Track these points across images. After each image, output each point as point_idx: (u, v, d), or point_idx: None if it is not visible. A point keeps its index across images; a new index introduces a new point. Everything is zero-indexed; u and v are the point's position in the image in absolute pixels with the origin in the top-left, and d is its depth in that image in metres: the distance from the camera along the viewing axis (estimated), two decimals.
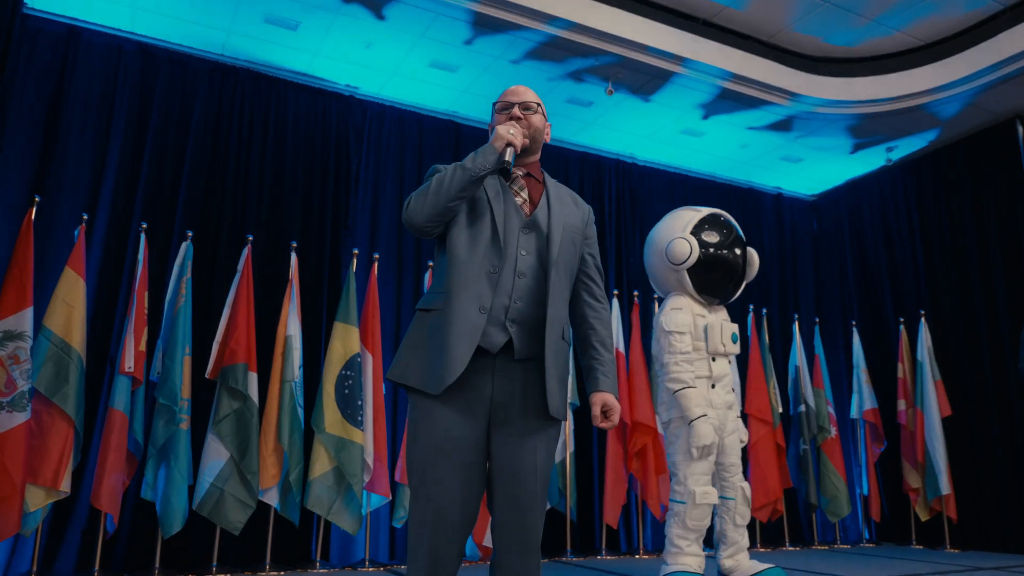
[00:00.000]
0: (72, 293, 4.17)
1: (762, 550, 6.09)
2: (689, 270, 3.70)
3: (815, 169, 7.21)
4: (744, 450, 6.04)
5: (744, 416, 6.18)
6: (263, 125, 5.43)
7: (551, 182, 2.23)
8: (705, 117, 6.17)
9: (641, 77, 5.58)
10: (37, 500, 3.93)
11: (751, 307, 6.60)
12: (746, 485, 3.70)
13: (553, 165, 6.55)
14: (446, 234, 2.05)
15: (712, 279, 3.71)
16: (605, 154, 6.81)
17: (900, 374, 6.47)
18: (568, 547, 5.45)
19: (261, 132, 5.41)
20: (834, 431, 6.46)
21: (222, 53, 5.30)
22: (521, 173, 2.19)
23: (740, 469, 3.71)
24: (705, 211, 3.85)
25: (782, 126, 6.33)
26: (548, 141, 2.29)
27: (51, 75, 4.81)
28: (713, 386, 3.65)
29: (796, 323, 6.76)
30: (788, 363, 6.73)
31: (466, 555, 5.12)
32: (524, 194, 2.15)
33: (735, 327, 3.70)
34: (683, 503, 3.53)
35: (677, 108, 6.03)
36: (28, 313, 4.01)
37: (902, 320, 6.64)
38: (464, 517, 1.91)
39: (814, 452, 6.40)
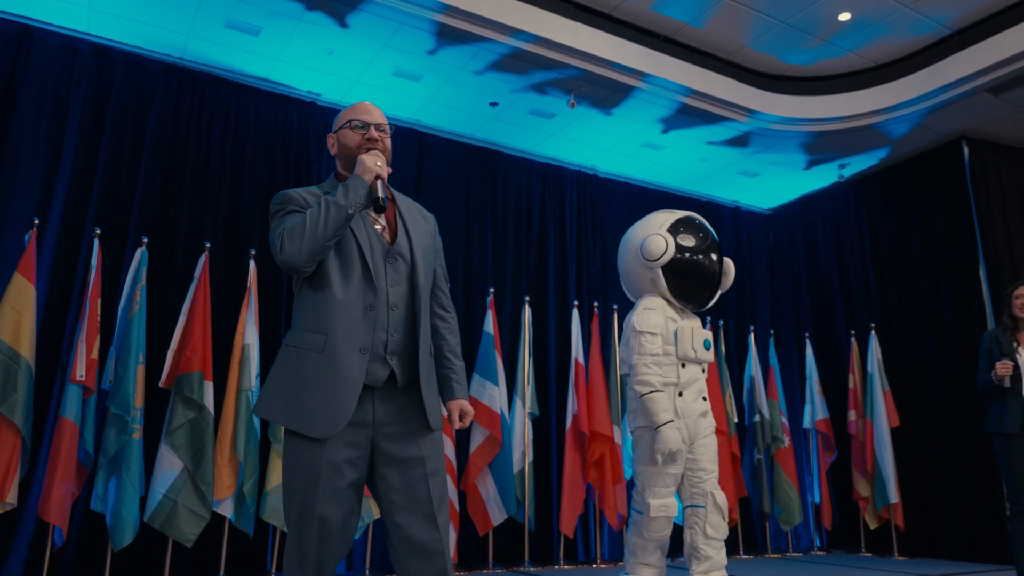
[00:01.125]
0: (21, 299, 4.07)
1: None
2: (664, 271, 3.54)
3: (771, 184, 7.38)
4: None
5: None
6: (222, 130, 5.36)
7: (400, 199, 2.23)
8: (665, 131, 6.27)
9: (603, 91, 5.65)
10: None
11: (708, 318, 6.70)
12: (718, 492, 3.37)
13: (516, 175, 6.60)
14: (315, 270, 2.02)
15: (688, 284, 3.55)
16: (567, 165, 6.87)
17: (851, 385, 6.64)
18: (526, 556, 5.47)
19: (220, 137, 5.34)
20: (787, 441, 6.59)
21: (181, 56, 5.23)
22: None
23: (713, 475, 3.40)
24: (681, 213, 3.74)
25: (739, 141, 6.46)
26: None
27: (1, 75, 4.69)
28: (680, 393, 3.43)
29: (752, 334, 6.89)
30: (744, 374, 6.85)
31: None
32: (381, 219, 2.13)
33: (708, 334, 3.54)
34: (641, 513, 3.45)
35: (638, 122, 6.12)
36: None
37: (853, 332, 6.81)
38: (344, 536, 1.97)
39: (768, 461, 6.53)
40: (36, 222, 4.31)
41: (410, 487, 1.99)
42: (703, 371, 3.54)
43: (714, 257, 3.59)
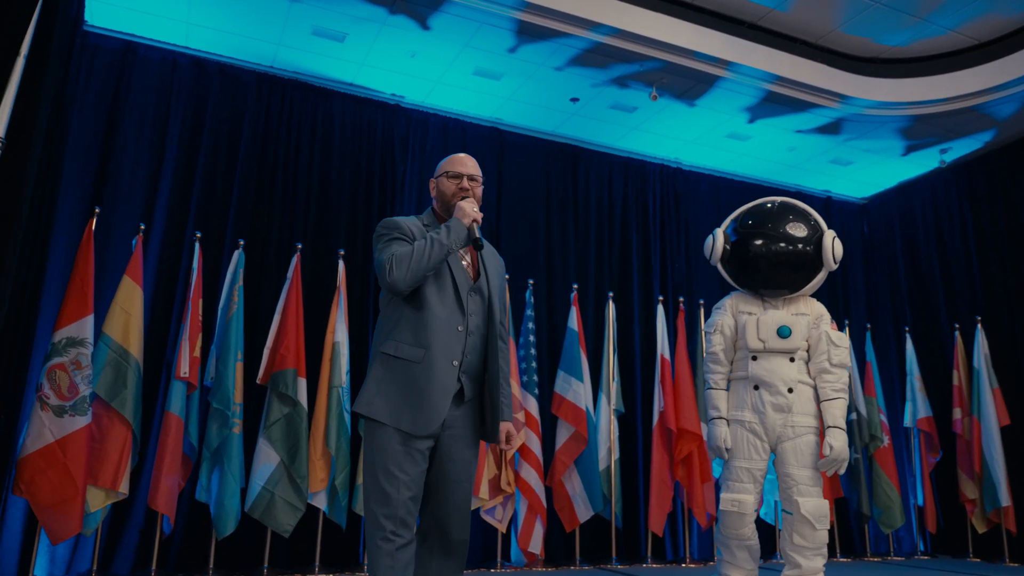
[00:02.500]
0: (130, 300, 4.31)
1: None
2: (725, 267, 3.50)
3: (865, 172, 7.07)
4: None
5: None
6: (310, 135, 5.53)
7: (483, 244, 2.53)
8: (751, 121, 6.10)
9: (686, 82, 5.54)
10: (97, 501, 4.07)
11: None
12: (806, 500, 3.16)
13: (597, 171, 6.55)
14: (416, 293, 2.36)
15: (749, 272, 3.44)
16: (650, 159, 6.78)
17: (955, 382, 6.30)
18: (613, 554, 5.43)
19: (308, 141, 5.51)
20: (887, 440, 6.31)
21: (272, 65, 5.43)
22: None
23: (802, 481, 3.20)
24: (753, 203, 3.63)
25: (831, 129, 6.22)
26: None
27: (108, 90, 4.98)
28: (756, 387, 3.31)
29: (847, 329, 6.63)
30: None
31: (511, 560, 5.15)
32: (468, 258, 2.50)
33: (792, 320, 3.31)
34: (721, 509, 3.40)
35: (722, 112, 5.97)
36: (89, 320, 4.15)
37: (957, 326, 6.46)
38: (414, 495, 2.27)
39: (866, 461, 6.26)
40: (142, 227, 4.56)
41: (455, 480, 2.36)
42: (791, 360, 3.30)
43: (779, 235, 3.38)
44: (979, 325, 6.21)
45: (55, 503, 3.90)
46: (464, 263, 2.47)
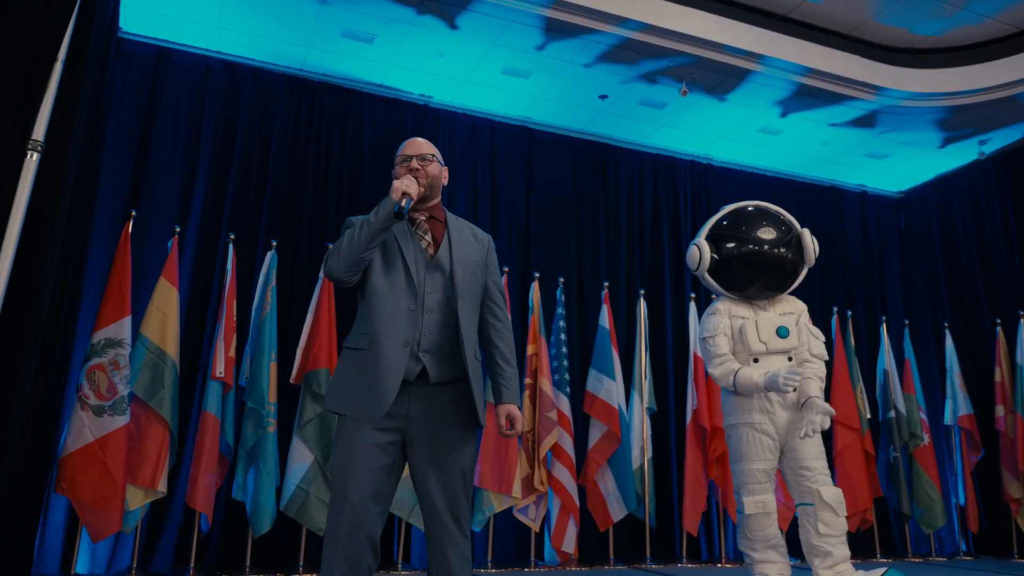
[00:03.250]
0: (166, 302, 4.37)
1: (853, 561, 5.84)
2: (710, 275, 3.53)
3: (902, 165, 6.93)
4: (830, 457, 5.87)
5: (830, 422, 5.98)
6: (340, 136, 5.57)
7: (452, 221, 2.50)
8: (783, 115, 6.01)
9: (716, 76, 5.48)
10: (136, 499, 4.13)
11: (835, 309, 6.39)
12: (826, 489, 3.24)
13: (627, 168, 6.51)
14: (365, 281, 2.34)
15: (736, 276, 3.48)
16: (680, 155, 6.72)
17: (998, 378, 6.15)
18: (648, 553, 5.38)
19: (339, 143, 5.55)
20: (927, 438, 6.18)
21: (302, 67, 5.47)
22: (424, 217, 2.44)
23: (820, 471, 3.27)
24: (728, 208, 3.66)
25: (866, 121, 6.10)
26: (446, 184, 2.55)
27: (143, 94, 5.06)
28: None
29: (884, 325, 6.51)
30: (876, 367, 6.48)
31: (544, 560, 5.13)
32: (428, 237, 2.42)
33: (784, 321, 3.40)
34: (740, 512, 3.39)
35: (754, 106, 5.90)
36: (126, 321, 4.23)
37: (999, 321, 6.30)
38: (375, 510, 2.17)
39: (906, 460, 6.14)
40: (177, 230, 4.62)
41: (434, 482, 2.23)
42: (789, 359, 3.38)
43: (762, 238, 3.42)
44: (1022, 320, 6.05)
45: (95, 501, 3.97)
46: (423, 243, 2.40)
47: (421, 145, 2.49)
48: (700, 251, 3.51)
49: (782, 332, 3.38)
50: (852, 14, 5.40)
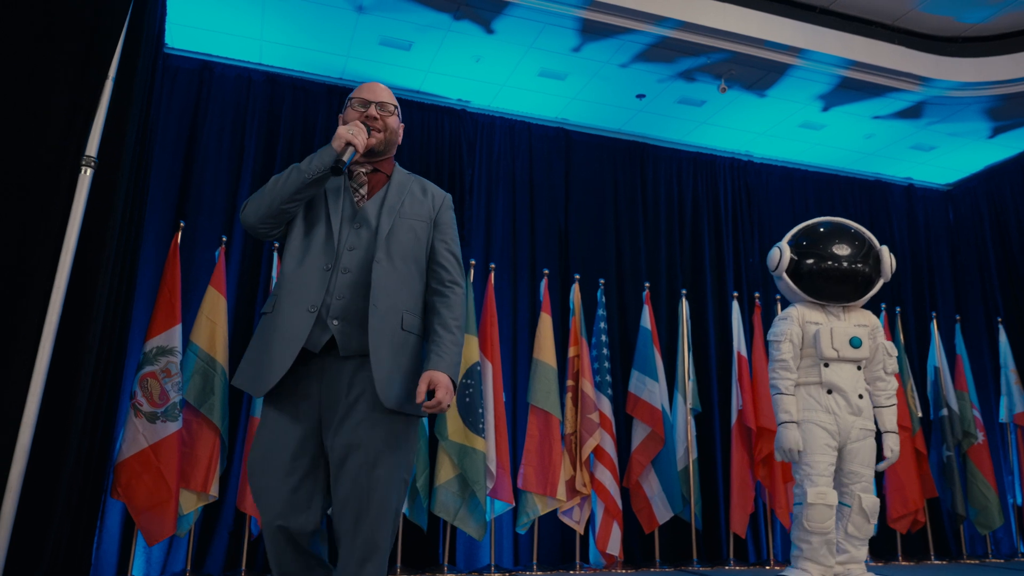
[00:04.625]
0: (215, 310, 4.47)
1: (904, 563, 5.74)
2: (790, 277, 3.86)
3: (950, 157, 6.76)
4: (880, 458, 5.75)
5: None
6: None
7: (401, 175, 2.18)
8: (825, 109, 5.91)
9: (755, 72, 5.41)
10: (189, 504, 4.23)
11: (883, 306, 6.25)
12: (867, 496, 3.59)
13: (666, 167, 6.46)
14: (286, 237, 2.06)
15: (816, 284, 3.81)
16: (719, 153, 6.65)
17: None
18: (694, 556, 5.33)
19: None
20: (981, 436, 6.01)
21: (341, 76, 5.55)
22: (365, 170, 2.14)
23: (865, 479, 3.60)
24: (815, 220, 4.05)
25: (912, 113, 5.97)
26: (399, 142, 2.24)
27: (188, 108, 5.18)
28: (829, 391, 3.67)
29: (934, 322, 6.35)
30: (927, 364, 6.33)
31: (589, 562, 5.11)
32: (363, 190, 2.12)
33: (857, 331, 3.70)
34: (801, 504, 3.65)
35: (795, 101, 5.81)
36: (177, 330, 4.33)
37: None
38: (295, 504, 1.89)
39: (959, 459, 5.98)
40: (224, 239, 4.72)
41: (342, 474, 1.89)
42: (859, 368, 3.67)
43: (843, 253, 3.77)
44: None
45: (150, 506, 4.08)
46: (358, 195, 2.09)
47: (382, 92, 2.18)
48: (781, 253, 3.86)
49: (855, 342, 3.66)
50: (894, 4, 5.29)
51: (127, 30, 3.49)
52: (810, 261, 3.80)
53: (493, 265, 5.31)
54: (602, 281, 5.67)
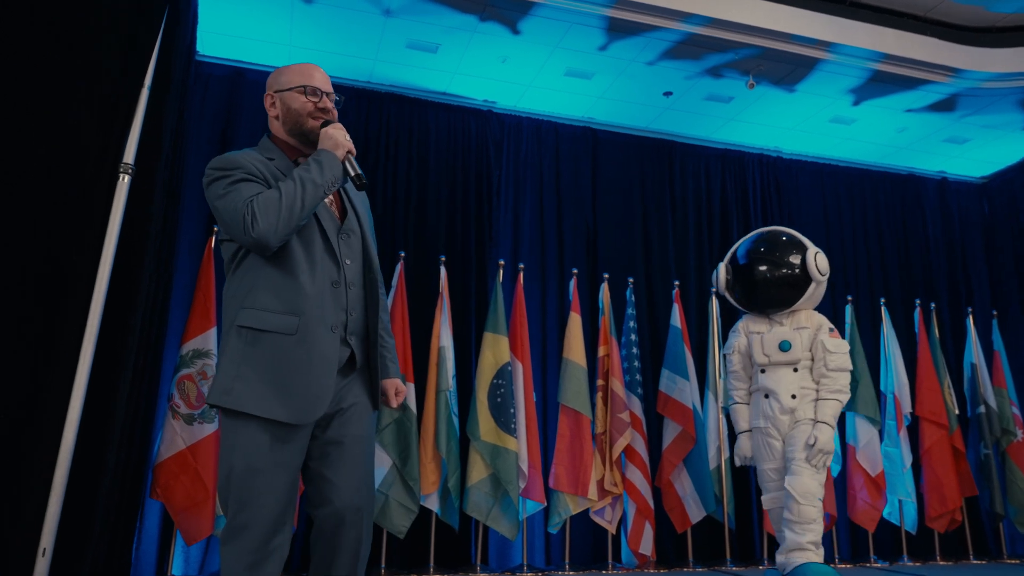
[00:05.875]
0: None
1: (943, 563, 5.65)
2: (729, 293, 4.02)
3: (984, 149, 6.64)
4: (917, 455, 5.67)
5: (915, 419, 5.79)
6: (407, 145, 5.67)
7: None
8: (856, 103, 5.84)
9: (784, 67, 5.36)
10: None
11: (917, 302, 6.17)
12: (792, 478, 3.59)
13: (694, 164, 6.43)
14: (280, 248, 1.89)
15: (747, 296, 3.94)
16: (748, 149, 6.59)
17: None
18: (727, 555, 5.29)
19: (406, 152, 5.65)
20: (1020, 434, 5.90)
21: (368, 80, 5.59)
22: None
23: (796, 461, 3.62)
24: (749, 235, 4.13)
25: (944, 105, 5.87)
26: None
27: (220, 114, 5.26)
28: (767, 395, 3.79)
29: (970, 317, 6.24)
30: (963, 361, 6.22)
31: (621, 562, 5.10)
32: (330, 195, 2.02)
33: (788, 335, 3.77)
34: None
35: (825, 96, 5.74)
36: (212, 333, 4.40)
37: None
38: (282, 523, 1.83)
39: (998, 457, 5.87)
40: None
41: (349, 466, 1.90)
42: (795, 370, 3.75)
43: (762, 262, 3.86)
44: None
45: (188, 506, 4.14)
46: (327, 200, 2.01)
47: (328, 81, 2.10)
48: (718, 273, 4.04)
49: (783, 346, 3.76)
50: None
51: (161, 40, 3.56)
52: (740, 273, 3.94)
53: (522, 266, 5.32)
54: (631, 280, 5.65)
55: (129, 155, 3.36)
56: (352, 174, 1.93)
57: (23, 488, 3.10)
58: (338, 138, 1.95)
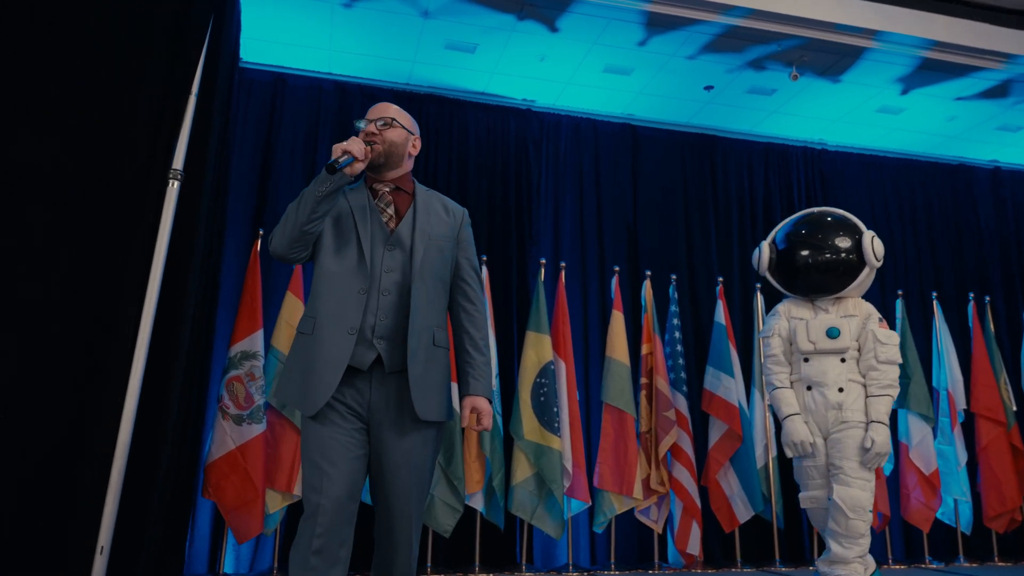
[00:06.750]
0: (294, 315, 4.58)
1: (1001, 564, 5.48)
2: (773, 276, 3.76)
3: None
4: (973, 453, 5.51)
5: (971, 416, 5.63)
6: (447, 145, 5.69)
7: (422, 193, 2.29)
8: (904, 92, 5.69)
9: (829, 57, 5.25)
10: (275, 503, 4.36)
11: (971, 295, 5.99)
12: (840, 488, 3.31)
13: (736, 159, 6.34)
14: (315, 259, 2.16)
15: (795, 279, 3.67)
16: (791, 142, 6.48)
17: None
18: (776, 556, 5.21)
19: (446, 152, 5.67)
20: None
21: (407, 82, 5.63)
22: (388, 189, 2.25)
23: (844, 471, 3.33)
24: (796, 214, 3.87)
25: (997, 92, 5.69)
26: (414, 154, 2.34)
27: (264, 120, 5.34)
28: (809, 387, 3.51)
29: None
30: (1020, 356, 6.03)
31: (668, 562, 5.05)
32: (390, 210, 2.22)
33: (837, 322, 3.50)
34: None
35: (871, 86, 5.61)
36: (259, 335, 4.47)
37: None
38: (349, 509, 2.04)
39: None
40: None
41: (390, 478, 2.08)
42: (842, 360, 3.49)
43: (817, 243, 3.60)
44: None
45: (238, 505, 4.22)
46: (385, 216, 2.19)
47: (382, 109, 2.30)
48: (760, 252, 3.74)
49: (832, 332, 3.49)
50: None
51: (207, 49, 3.63)
52: (790, 253, 3.66)
53: (563, 264, 5.30)
54: (674, 277, 5.59)
55: (178, 161, 3.44)
56: (334, 163, 2.07)
57: (80, 488, 3.19)
58: (336, 146, 2.11)
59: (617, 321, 5.17)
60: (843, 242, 3.59)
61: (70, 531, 3.15)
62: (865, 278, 3.60)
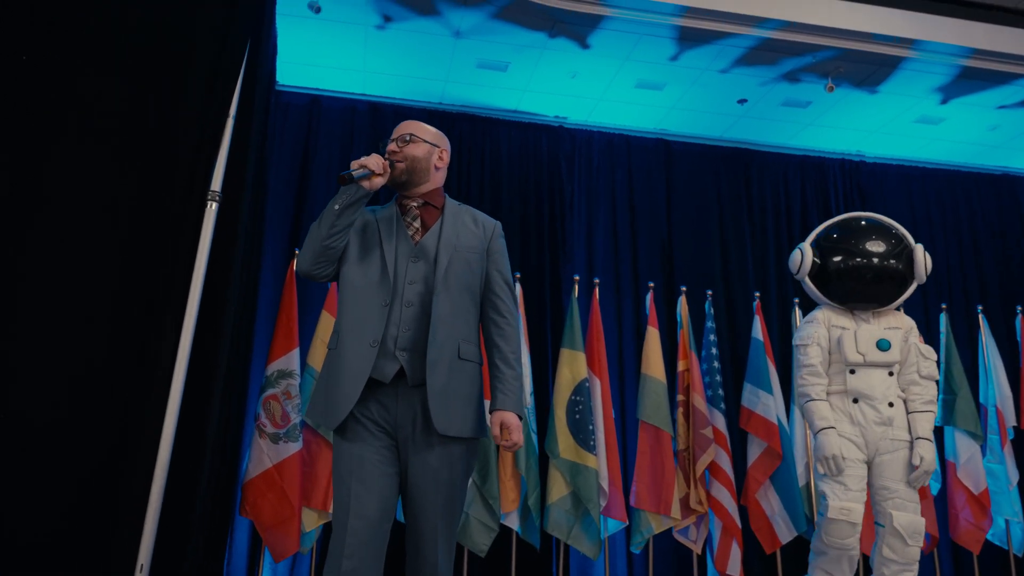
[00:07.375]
0: (328, 333, 4.61)
1: None
2: (814, 281, 3.60)
3: None
4: (1022, 471, 5.33)
5: (1021, 433, 5.45)
6: (480, 164, 5.72)
7: (452, 207, 2.29)
8: (944, 101, 5.58)
9: (865, 68, 5.18)
10: (311, 521, 4.37)
11: (1019, 308, 5.82)
12: (900, 515, 3.18)
13: (771, 172, 6.27)
14: (340, 273, 2.19)
15: (841, 286, 3.53)
16: (828, 155, 6.39)
17: None
18: None
19: (479, 171, 5.70)
20: None
21: (440, 101, 5.68)
22: (416, 203, 2.26)
23: (899, 495, 3.22)
24: (839, 217, 3.74)
25: None
26: (441, 167, 2.33)
27: (300, 141, 5.42)
28: (856, 400, 3.38)
29: None
30: None
31: None
32: (416, 223, 2.23)
33: (886, 334, 3.38)
34: (822, 515, 3.38)
35: (910, 96, 5.52)
36: (295, 353, 4.51)
37: None
38: (380, 529, 2.03)
39: None
40: None
41: (417, 495, 2.07)
42: (890, 374, 3.38)
43: (874, 250, 3.46)
44: None
45: (275, 523, 4.24)
46: (412, 228, 2.22)
47: (403, 126, 2.32)
48: (802, 255, 3.58)
49: (882, 344, 3.36)
50: None
51: (244, 72, 3.70)
52: (837, 260, 3.49)
53: (597, 280, 5.27)
54: (709, 292, 5.53)
55: (216, 183, 3.49)
56: (347, 173, 2.11)
57: (121, 506, 3.23)
58: (354, 162, 2.16)
59: (652, 337, 5.11)
60: (896, 252, 3.46)
61: (112, 549, 3.19)
62: (910, 292, 3.53)
